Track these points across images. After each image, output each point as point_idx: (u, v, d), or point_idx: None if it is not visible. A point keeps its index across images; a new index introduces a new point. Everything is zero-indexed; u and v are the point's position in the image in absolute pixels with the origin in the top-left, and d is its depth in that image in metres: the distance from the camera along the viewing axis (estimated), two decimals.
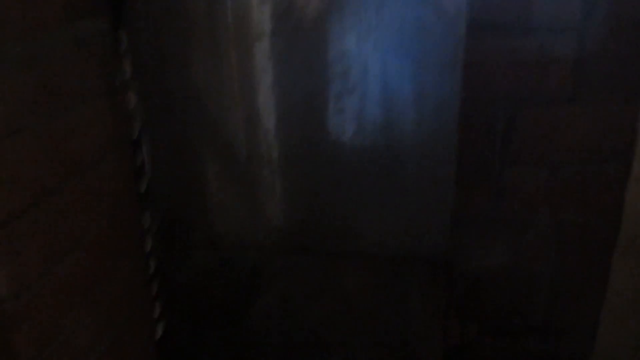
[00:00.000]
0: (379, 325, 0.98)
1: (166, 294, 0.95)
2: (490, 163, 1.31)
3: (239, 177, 0.92)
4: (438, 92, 0.80)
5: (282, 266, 0.94)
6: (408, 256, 0.91)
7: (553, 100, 1.25)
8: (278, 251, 0.95)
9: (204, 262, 0.96)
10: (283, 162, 0.89)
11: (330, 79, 0.83)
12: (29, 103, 0.75)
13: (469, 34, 1.20)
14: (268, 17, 0.82)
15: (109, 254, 0.91)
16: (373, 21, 0.80)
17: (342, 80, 0.83)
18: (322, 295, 0.96)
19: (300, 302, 0.97)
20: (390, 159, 0.86)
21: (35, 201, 0.77)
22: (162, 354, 1.01)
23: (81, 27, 0.83)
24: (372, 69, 0.82)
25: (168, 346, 1.02)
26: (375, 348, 0.97)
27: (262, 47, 0.84)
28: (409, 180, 0.86)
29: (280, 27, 0.83)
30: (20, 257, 0.75)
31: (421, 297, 0.92)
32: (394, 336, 0.96)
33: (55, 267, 0.81)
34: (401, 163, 0.86)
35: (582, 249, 1.37)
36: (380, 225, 0.91)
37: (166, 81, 0.90)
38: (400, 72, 0.81)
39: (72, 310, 0.85)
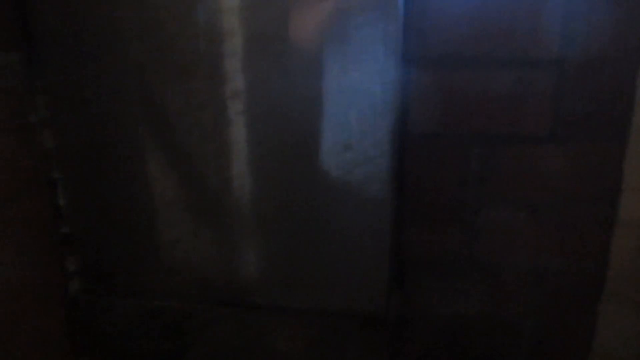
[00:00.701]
0: None
1: (89, 344, 0.88)
2: (465, 203, 1.23)
3: (163, 223, 0.85)
4: (369, 139, 0.72)
5: (210, 319, 0.86)
6: (343, 312, 0.83)
7: (531, 137, 1.17)
8: (206, 304, 0.88)
9: (129, 311, 0.89)
10: (208, 210, 0.82)
11: (252, 125, 0.76)
12: None
13: (441, 67, 1.13)
14: (190, 58, 0.76)
15: (23, 300, 0.85)
16: (299, 71, 0.74)
17: (261, 125, 0.76)
18: (251, 353, 0.88)
19: (229, 358, 0.90)
20: (321, 210, 0.79)
21: None
22: None
23: None
24: (300, 116, 0.75)
25: None
26: None
27: (180, 90, 0.77)
28: (341, 232, 0.79)
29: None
30: None
31: (358, 357, 0.84)
32: None
33: None
34: (333, 213, 0.78)
35: (565, 296, 1.28)
36: (311, 279, 0.83)
37: (85, 120, 0.84)
38: (329, 118, 0.74)
39: None
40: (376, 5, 0.66)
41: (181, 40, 0.76)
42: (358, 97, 0.72)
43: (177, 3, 0.75)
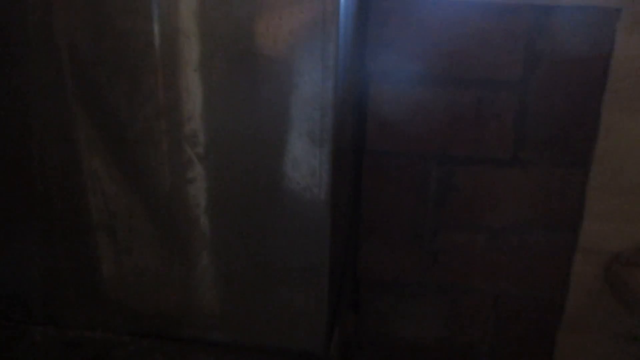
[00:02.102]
0: None
1: None
2: (423, 225, 1.18)
3: (85, 243, 0.79)
4: (305, 168, 0.67)
5: (135, 352, 0.81)
6: (278, 349, 0.78)
7: (492, 160, 1.13)
8: (132, 335, 0.82)
9: (43, 341, 0.83)
10: (137, 231, 0.77)
11: (182, 149, 0.71)
12: None
13: (401, 84, 1.09)
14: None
15: None
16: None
17: (193, 146, 0.71)
18: None
19: None
20: (257, 239, 0.74)
21: None
22: None
23: None
24: (241, 137, 0.70)
25: None
26: None
27: (128, 95, 0.72)
28: (279, 263, 0.74)
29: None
30: None
31: None
32: None
33: None
34: (270, 243, 0.73)
35: (523, 323, 1.24)
36: (246, 311, 0.78)
37: (5, 115, 0.77)
38: (267, 143, 0.69)
39: None
40: (313, 24, 0.61)
41: (133, 40, 0.70)
42: (294, 122, 0.67)
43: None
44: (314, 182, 0.68)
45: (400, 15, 1.05)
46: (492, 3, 1.04)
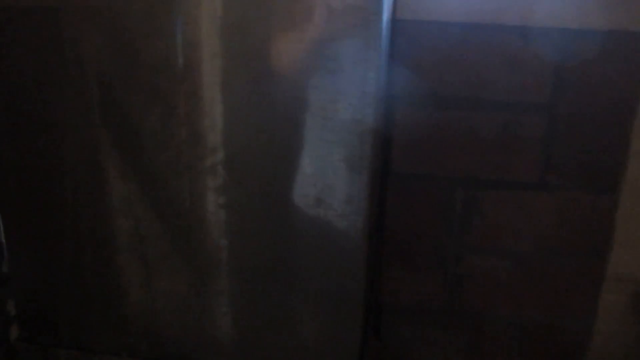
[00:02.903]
0: None
1: None
2: (447, 249, 1.16)
3: (114, 269, 0.77)
4: (341, 195, 0.65)
5: None
6: None
7: (519, 184, 1.11)
8: None
9: None
10: (167, 258, 0.75)
11: (208, 171, 0.69)
12: None
13: (428, 107, 1.07)
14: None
15: None
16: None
17: (226, 171, 0.69)
18: None
19: None
20: (292, 266, 0.72)
21: None
22: None
23: None
24: (271, 158, 0.68)
25: None
26: None
27: (150, 116, 0.70)
28: (312, 289, 0.72)
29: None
30: None
31: None
32: None
33: None
34: (303, 270, 0.71)
35: (549, 352, 1.21)
36: (278, 338, 0.76)
37: (31, 146, 0.76)
38: (301, 167, 0.67)
39: None
40: (355, 52, 0.60)
41: (158, 74, 0.69)
42: (332, 148, 0.65)
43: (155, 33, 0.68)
44: (351, 210, 0.66)
45: (426, 38, 1.04)
46: (521, 27, 1.02)
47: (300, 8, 0.62)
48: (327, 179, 0.67)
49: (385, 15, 0.68)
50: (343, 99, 0.63)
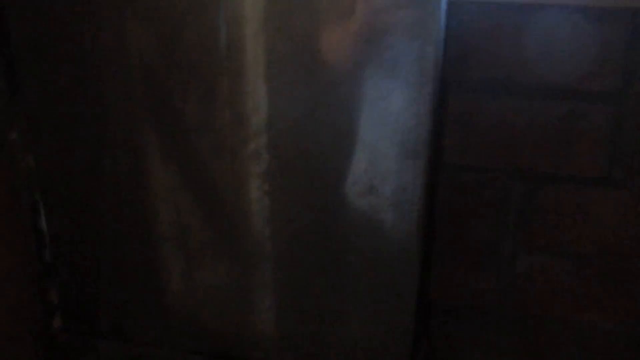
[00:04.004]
0: None
1: None
2: (502, 247, 1.09)
3: (156, 259, 0.74)
4: (394, 182, 0.60)
5: None
6: None
7: (582, 179, 1.03)
8: (201, 356, 0.76)
9: (109, 355, 0.78)
10: (212, 249, 0.71)
11: (274, 155, 0.65)
12: None
13: (482, 94, 1.01)
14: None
15: None
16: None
17: (283, 156, 0.65)
18: None
19: None
20: (341, 256, 0.67)
21: None
22: None
23: None
24: (322, 147, 0.63)
25: None
26: None
27: (195, 109, 0.67)
28: (362, 282, 0.67)
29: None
30: None
31: None
32: None
33: None
34: (353, 261, 0.66)
35: (612, 354, 1.13)
36: (326, 334, 0.71)
37: (74, 138, 0.74)
38: (352, 155, 0.62)
39: None
40: (412, 23, 0.55)
41: (200, 53, 0.66)
42: (386, 131, 0.60)
43: (197, 11, 0.65)
44: (405, 198, 0.61)
45: (482, 20, 0.98)
46: (585, 7, 0.95)
47: None
48: (379, 165, 0.62)
49: None
50: (398, 76, 0.58)
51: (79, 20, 0.70)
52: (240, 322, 0.76)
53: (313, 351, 0.74)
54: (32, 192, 0.80)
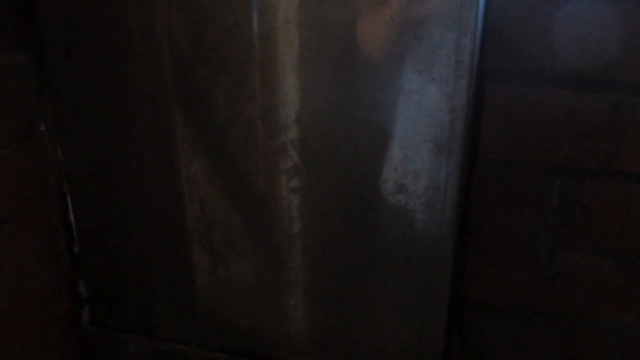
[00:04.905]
0: None
1: None
2: (541, 244, 1.05)
3: (184, 254, 0.73)
4: (426, 181, 0.57)
5: None
6: None
7: (627, 175, 0.98)
8: (227, 353, 0.76)
9: (136, 351, 0.78)
10: (230, 245, 0.70)
11: (302, 149, 0.63)
12: None
13: (522, 85, 0.96)
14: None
15: (27, 326, 0.76)
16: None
17: (313, 150, 0.63)
18: None
19: None
20: (372, 256, 0.65)
21: None
22: None
23: None
24: (352, 142, 0.61)
25: None
26: None
27: (223, 99, 0.65)
28: (392, 282, 0.64)
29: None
30: None
31: None
32: None
33: None
34: (385, 259, 0.64)
35: None
36: (356, 334, 0.69)
37: (102, 129, 0.73)
38: (382, 150, 0.59)
39: None
40: (448, 13, 0.51)
41: (230, 42, 0.64)
42: (418, 127, 0.57)
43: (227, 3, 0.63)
44: (437, 198, 0.58)
45: (523, 9, 0.93)
46: None
47: None
48: (410, 163, 0.59)
49: None
50: (432, 69, 0.55)
51: (107, 11, 0.69)
52: (267, 321, 0.74)
53: (342, 350, 0.72)
54: (61, 184, 0.80)
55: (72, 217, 0.82)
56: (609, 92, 0.94)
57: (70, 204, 0.82)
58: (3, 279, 0.75)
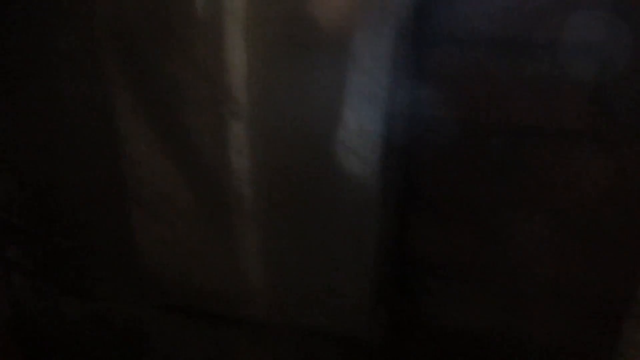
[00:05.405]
0: None
1: (28, 345, 0.78)
2: (482, 202, 1.07)
3: (117, 215, 0.72)
4: (363, 138, 0.57)
5: (164, 327, 0.75)
6: (314, 330, 0.70)
7: (565, 132, 0.99)
8: (160, 309, 0.76)
9: (73, 313, 0.78)
10: (167, 204, 0.69)
11: (228, 117, 0.62)
12: None
13: (462, 46, 0.96)
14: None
15: None
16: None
17: (257, 116, 0.62)
18: None
19: None
20: (307, 213, 0.65)
21: None
22: None
23: None
24: (296, 105, 0.60)
25: None
26: None
27: (170, 67, 0.63)
28: (325, 240, 0.65)
29: None
30: None
31: None
32: None
33: None
34: (319, 218, 0.64)
35: (588, 314, 1.12)
36: (286, 291, 0.70)
37: (36, 86, 0.71)
38: (324, 110, 0.59)
39: None
40: None
41: (176, 12, 0.62)
42: (355, 87, 0.56)
43: None
44: (364, 144, 0.58)
45: None
46: None
47: None
48: (344, 115, 0.59)
49: None
50: (374, 32, 0.54)
51: None
52: (206, 277, 0.74)
53: (278, 304, 0.73)
54: None
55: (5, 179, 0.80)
56: (545, 51, 0.94)
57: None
58: None
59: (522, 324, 1.15)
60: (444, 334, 1.19)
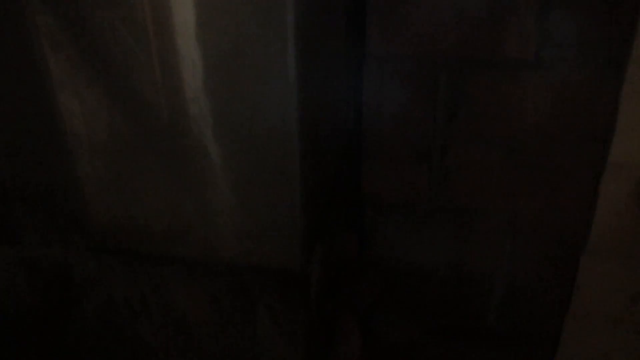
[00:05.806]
0: (216, 349, 0.78)
1: None
2: (432, 140, 1.07)
3: (35, 147, 0.70)
4: (260, 50, 0.56)
5: (94, 269, 0.74)
6: (249, 265, 0.70)
7: (511, 62, 0.99)
8: (88, 251, 0.75)
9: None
10: (98, 142, 0.68)
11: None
12: None
13: None
14: None
15: None
16: None
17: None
18: (146, 311, 0.76)
19: (119, 318, 0.78)
20: (221, 147, 0.64)
21: None
22: None
23: None
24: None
25: None
26: None
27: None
28: (245, 169, 0.64)
29: None
30: None
31: (270, 317, 0.71)
32: None
33: None
34: (239, 147, 0.63)
35: (543, 247, 1.13)
36: (211, 225, 0.70)
37: None
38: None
39: None
40: None
41: None
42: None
43: None
44: (273, 65, 0.57)
45: None
46: None
47: None
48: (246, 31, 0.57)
49: None
50: None
51: None
52: (133, 215, 0.73)
53: (209, 240, 0.72)
54: None
55: None
56: None
57: None
58: None
59: (479, 263, 1.16)
60: (398, 271, 1.19)
